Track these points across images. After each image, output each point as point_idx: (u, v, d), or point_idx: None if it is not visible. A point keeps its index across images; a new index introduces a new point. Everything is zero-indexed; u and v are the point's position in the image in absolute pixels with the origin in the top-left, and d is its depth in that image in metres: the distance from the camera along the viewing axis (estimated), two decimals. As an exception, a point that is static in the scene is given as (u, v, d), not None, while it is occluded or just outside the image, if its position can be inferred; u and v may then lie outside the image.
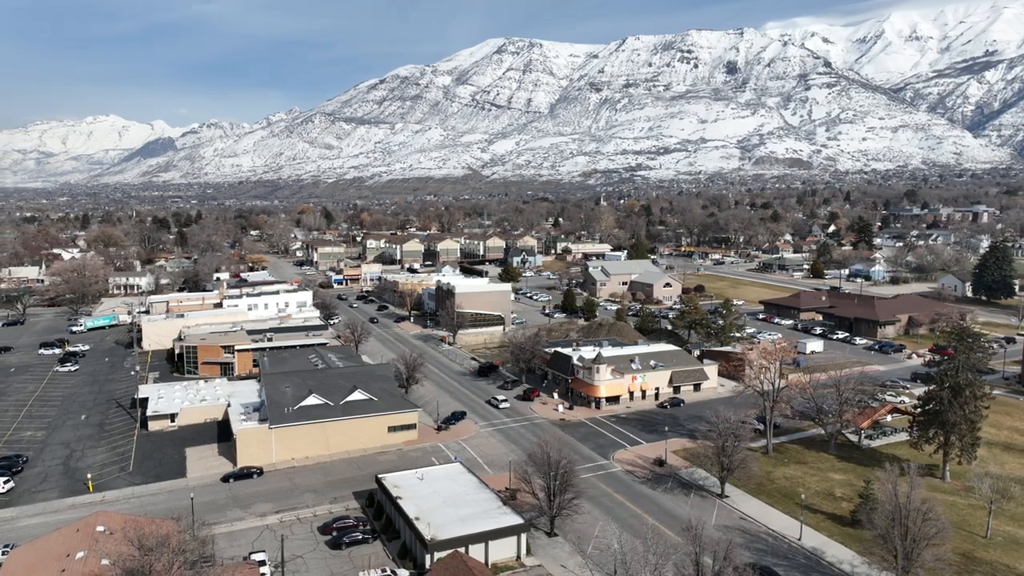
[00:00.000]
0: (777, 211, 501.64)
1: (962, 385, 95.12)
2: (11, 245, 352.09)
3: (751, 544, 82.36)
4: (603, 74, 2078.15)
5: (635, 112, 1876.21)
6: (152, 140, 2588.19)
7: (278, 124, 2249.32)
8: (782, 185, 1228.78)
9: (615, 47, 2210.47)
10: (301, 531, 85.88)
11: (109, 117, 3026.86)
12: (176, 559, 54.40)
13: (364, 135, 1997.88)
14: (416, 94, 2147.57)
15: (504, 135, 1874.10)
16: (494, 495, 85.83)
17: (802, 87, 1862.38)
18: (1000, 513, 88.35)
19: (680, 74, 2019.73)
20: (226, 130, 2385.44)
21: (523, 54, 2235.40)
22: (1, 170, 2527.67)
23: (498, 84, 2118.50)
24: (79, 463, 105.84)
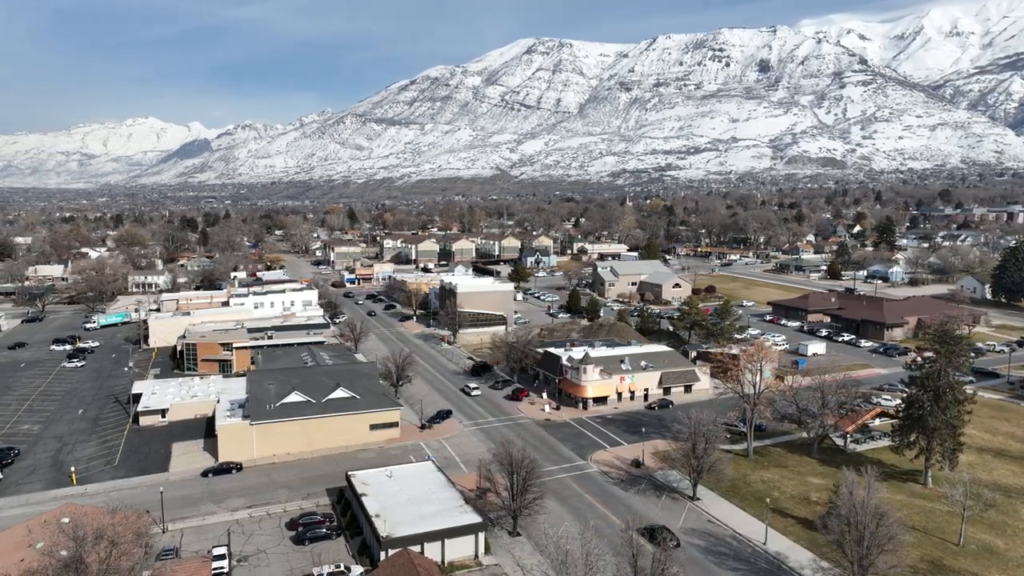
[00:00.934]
0: (801, 211, 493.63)
1: (943, 389, 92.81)
2: (40, 244, 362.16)
3: (714, 547, 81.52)
4: (633, 73, 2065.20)
5: (665, 112, 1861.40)
6: (188, 142, 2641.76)
7: (310, 125, 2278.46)
8: (814, 185, 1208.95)
9: (646, 46, 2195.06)
10: (269, 526, 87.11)
11: (148, 119, 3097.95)
12: (113, 550, 55.56)
13: (394, 136, 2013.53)
14: (446, 95, 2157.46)
15: (533, 135, 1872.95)
16: (458, 494, 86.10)
17: (836, 85, 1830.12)
18: (979, 521, 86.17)
19: (711, 73, 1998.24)
20: (260, 131, 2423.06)
21: (553, 54, 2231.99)
22: (46, 171, 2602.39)
23: (527, 84, 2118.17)
24: (68, 456, 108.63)
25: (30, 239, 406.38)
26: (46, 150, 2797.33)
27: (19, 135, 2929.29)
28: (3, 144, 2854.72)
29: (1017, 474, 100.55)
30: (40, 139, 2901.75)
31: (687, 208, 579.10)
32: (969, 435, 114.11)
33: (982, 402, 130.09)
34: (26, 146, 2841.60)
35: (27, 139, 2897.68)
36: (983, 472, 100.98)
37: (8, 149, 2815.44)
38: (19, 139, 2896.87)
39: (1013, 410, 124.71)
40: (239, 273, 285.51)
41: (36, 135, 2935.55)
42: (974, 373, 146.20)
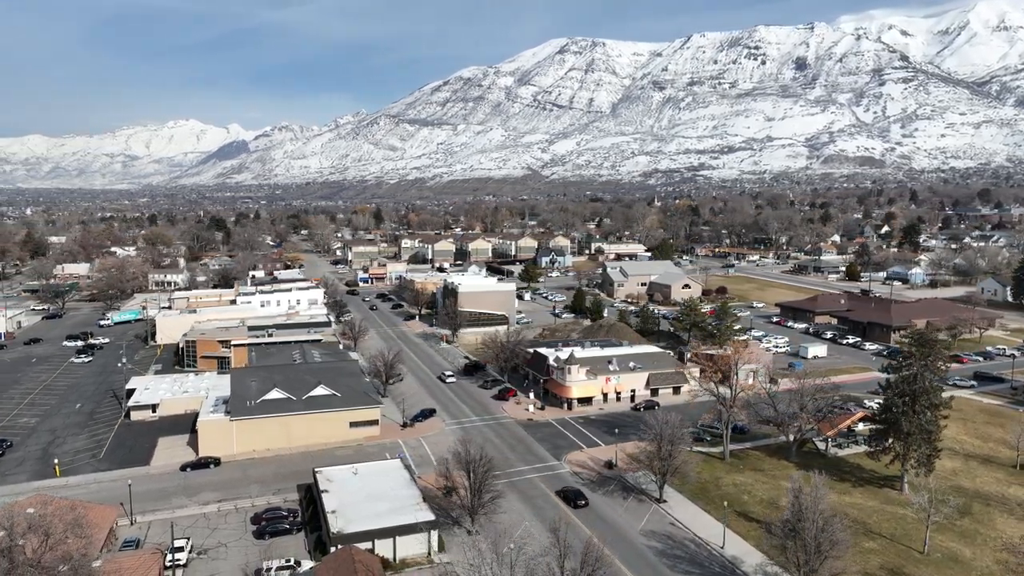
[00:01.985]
0: (828, 211, 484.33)
1: (917, 393, 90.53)
2: (69, 243, 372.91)
3: (670, 550, 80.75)
4: (667, 72, 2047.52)
5: (699, 111, 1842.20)
6: (227, 143, 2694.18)
7: (345, 126, 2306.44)
8: (851, 185, 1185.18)
9: (680, 45, 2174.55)
10: (235, 520, 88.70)
11: (189, 121, 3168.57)
12: (47, 540, 57.26)
13: (427, 136, 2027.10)
14: (479, 95, 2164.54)
15: (565, 135, 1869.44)
16: (418, 493, 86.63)
17: (876, 82, 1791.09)
18: (950, 529, 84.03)
19: (747, 71, 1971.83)
20: (296, 133, 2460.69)
21: (585, 54, 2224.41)
22: (92, 173, 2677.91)
23: (560, 84, 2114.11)
24: (57, 449, 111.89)
25: (64, 238, 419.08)
26: (92, 152, 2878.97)
27: (67, 138, 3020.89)
28: (52, 146, 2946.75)
29: (1001, 482, 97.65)
30: (87, 141, 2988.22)
31: (713, 208, 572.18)
32: (959, 441, 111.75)
33: (978, 407, 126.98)
34: (73, 148, 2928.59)
35: (74, 141, 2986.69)
36: (966, 479, 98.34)
37: (56, 151, 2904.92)
38: (67, 142, 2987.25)
39: (1009, 416, 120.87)
40: (258, 272, 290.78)
41: (83, 137, 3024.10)
42: (977, 377, 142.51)
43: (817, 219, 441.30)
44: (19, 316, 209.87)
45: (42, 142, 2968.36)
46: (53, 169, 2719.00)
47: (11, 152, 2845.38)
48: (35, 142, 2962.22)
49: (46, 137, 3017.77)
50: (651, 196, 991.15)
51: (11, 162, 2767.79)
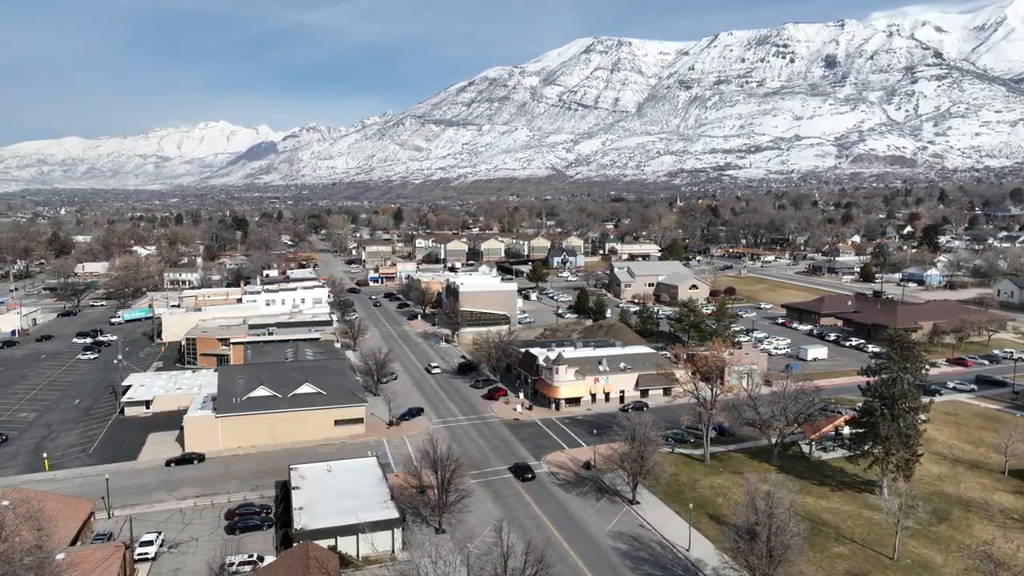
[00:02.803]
0: (850, 211, 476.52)
1: (896, 397, 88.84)
2: (92, 243, 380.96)
3: (635, 552, 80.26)
4: (693, 71, 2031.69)
5: (726, 110, 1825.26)
6: (256, 144, 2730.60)
7: (371, 127, 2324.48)
8: (880, 184, 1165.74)
9: (707, 43, 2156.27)
10: (210, 516, 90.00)
11: (219, 122, 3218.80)
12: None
13: (452, 137, 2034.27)
14: (504, 95, 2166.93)
15: (590, 135, 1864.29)
16: (387, 490, 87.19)
17: (908, 80, 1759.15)
18: (923, 535, 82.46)
19: (775, 69, 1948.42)
20: (323, 133, 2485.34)
21: (611, 53, 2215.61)
22: (125, 174, 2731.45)
23: (585, 84, 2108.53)
24: (50, 443, 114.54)
25: (89, 238, 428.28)
26: (126, 153, 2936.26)
27: (102, 139, 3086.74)
28: (87, 148, 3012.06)
29: (986, 488, 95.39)
30: (120, 143, 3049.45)
31: (734, 208, 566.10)
32: (949, 445, 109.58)
33: (974, 411, 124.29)
34: (108, 150, 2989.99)
35: (109, 143, 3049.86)
36: (950, 484, 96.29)
37: (92, 153, 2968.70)
38: (102, 143, 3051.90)
39: (1005, 421, 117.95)
40: (272, 271, 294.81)
41: (117, 139, 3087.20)
42: (979, 381, 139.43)
43: (838, 219, 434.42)
44: (34, 313, 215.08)
45: (78, 144, 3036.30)
46: (89, 170, 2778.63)
47: (49, 153, 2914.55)
48: (72, 144, 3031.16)
49: (82, 139, 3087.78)
50: (675, 196, 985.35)
51: (49, 163, 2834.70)
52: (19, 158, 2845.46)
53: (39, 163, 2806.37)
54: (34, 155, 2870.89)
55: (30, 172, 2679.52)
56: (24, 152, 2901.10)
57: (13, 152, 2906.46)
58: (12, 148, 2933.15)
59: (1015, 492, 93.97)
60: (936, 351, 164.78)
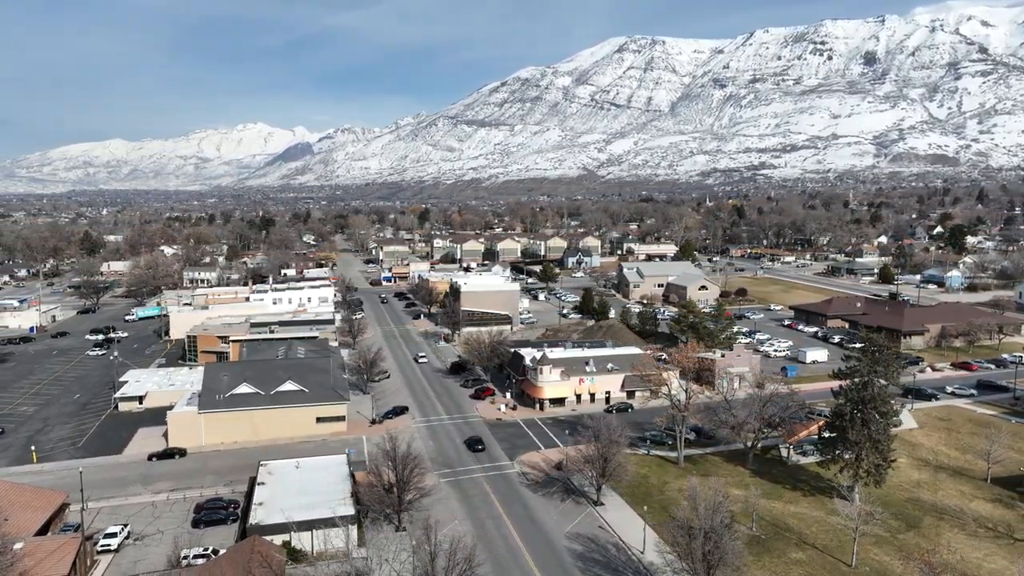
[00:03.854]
0: (879, 211, 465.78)
1: (866, 401, 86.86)
2: (121, 242, 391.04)
3: (589, 553, 79.78)
4: (728, 70, 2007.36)
5: (761, 108, 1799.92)
6: (292, 145, 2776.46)
7: (405, 128, 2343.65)
8: (920, 184, 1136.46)
9: (742, 41, 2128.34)
10: (179, 509, 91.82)
11: (257, 124, 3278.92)
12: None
13: (484, 137, 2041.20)
14: (536, 95, 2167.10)
15: (622, 134, 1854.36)
16: (349, 487, 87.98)
17: (951, 76, 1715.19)
18: (888, 542, 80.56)
19: (812, 67, 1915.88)
20: (358, 135, 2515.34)
21: (644, 52, 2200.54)
22: (166, 175, 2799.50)
23: (618, 83, 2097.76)
24: (43, 437, 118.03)
25: (120, 237, 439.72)
26: (167, 155, 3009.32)
27: (144, 141, 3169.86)
28: (131, 150, 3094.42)
29: (965, 495, 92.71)
30: (162, 145, 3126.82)
31: (761, 208, 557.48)
32: (936, 451, 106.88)
33: (968, 416, 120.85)
34: (150, 151, 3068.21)
35: (151, 145, 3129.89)
36: (927, 492, 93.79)
37: (135, 154, 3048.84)
38: (144, 145, 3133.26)
39: (999, 427, 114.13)
40: (289, 270, 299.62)
41: (159, 141, 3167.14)
42: (981, 386, 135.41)
43: (866, 219, 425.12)
44: (54, 311, 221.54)
45: (122, 146, 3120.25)
46: (132, 171, 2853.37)
47: (95, 155, 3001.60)
48: (116, 146, 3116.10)
49: (126, 141, 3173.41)
50: (707, 196, 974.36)
51: (94, 165, 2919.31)
52: (66, 160, 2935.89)
53: (85, 165, 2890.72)
54: (80, 157, 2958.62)
55: (77, 174, 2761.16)
56: (71, 154, 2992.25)
57: (61, 154, 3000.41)
58: (60, 150, 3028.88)
59: (994, 500, 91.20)
60: (943, 355, 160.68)
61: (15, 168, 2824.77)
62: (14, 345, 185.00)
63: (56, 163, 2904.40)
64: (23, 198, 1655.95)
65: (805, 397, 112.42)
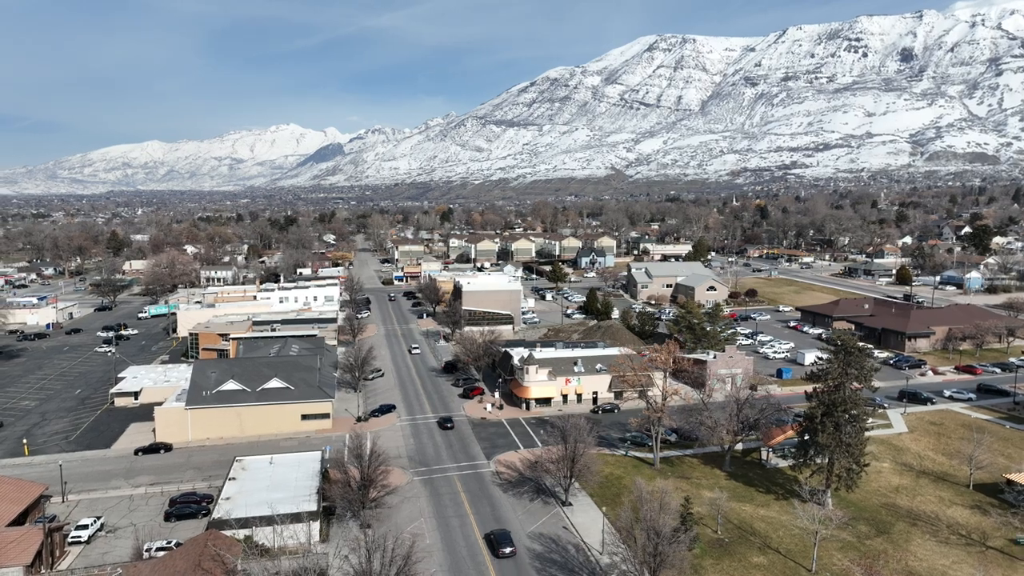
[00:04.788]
0: (905, 211, 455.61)
1: (835, 404, 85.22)
2: (144, 242, 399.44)
3: (548, 554, 79.53)
4: (760, 68, 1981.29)
5: (793, 106, 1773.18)
6: (324, 146, 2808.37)
7: (434, 128, 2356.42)
8: (957, 183, 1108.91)
9: (774, 39, 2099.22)
10: (155, 503, 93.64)
11: (289, 126, 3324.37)
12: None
13: (513, 137, 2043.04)
14: (565, 95, 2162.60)
15: (651, 134, 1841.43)
16: (316, 484, 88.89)
17: (992, 72, 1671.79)
18: (855, 548, 79.01)
19: (846, 64, 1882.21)
20: (388, 135, 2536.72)
21: (675, 51, 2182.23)
22: (201, 175, 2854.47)
23: (647, 82, 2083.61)
24: (39, 430, 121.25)
25: (147, 236, 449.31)
26: (202, 156, 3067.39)
27: (180, 143, 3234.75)
28: (167, 151, 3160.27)
29: (944, 501, 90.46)
30: (197, 146, 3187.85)
31: (785, 208, 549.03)
32: (922, 456, 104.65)
33: (962, 421, 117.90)
34: (186, 153, 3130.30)
35: (187, 146, 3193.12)
36: (905, 497, 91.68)
37: (171, 156, 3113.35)
38: (180, 147, 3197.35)
39: (992, 431, 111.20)
40: (305, 269, 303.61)
41: (194, 143, 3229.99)
42: (981, 390, 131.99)
43: (891, 220, 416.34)
44: (72, 308, 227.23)
45: (159, 147, 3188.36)
46: (168, 172, 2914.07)
47: (133, 157, 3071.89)
48: (153, 147, 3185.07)
49: (163, 143, 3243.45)
50: (734, 196, 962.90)
51: (132, 166, 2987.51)
52: (106, 161, 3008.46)
53: (124, 166, 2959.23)
54: (119, 158, 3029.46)
55: (116, 175, 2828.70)
56: (111, 156, 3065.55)
57: (101, 156, 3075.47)
58: (100, 152, 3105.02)
59: (973, 507, 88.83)
60: (948, 358, 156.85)
61: (57, 170, 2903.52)
62: (29, 341, 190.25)
63: (96, 164, 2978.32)
64: (64, 199, 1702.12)
65: (797, 399, 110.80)
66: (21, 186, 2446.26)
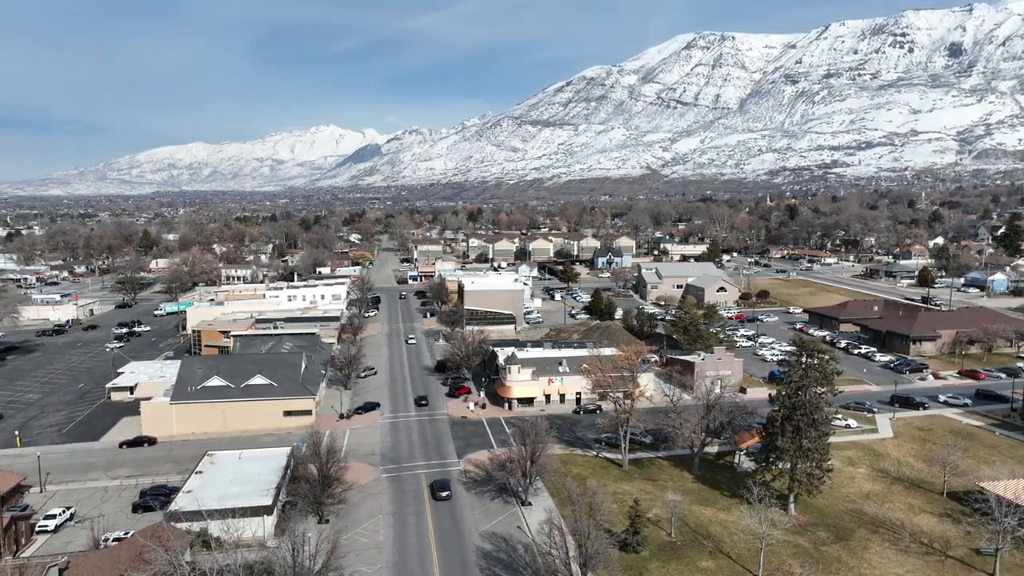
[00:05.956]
0: (939, 212, 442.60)
1: (796, 407, 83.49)
2: (174, 241, 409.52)
3: (496, 553, 79.54)
4: (800, 65, 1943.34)
5: (835, 104, 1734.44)
6: (362, 147, 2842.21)
7: (470, 129, 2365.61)
8: (1007, 182, 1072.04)
9: (816, 35, 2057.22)
10: (128, 495, 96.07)
11: (329, 127, 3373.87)
12: None
13: (548, 137, 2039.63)
14: (601, 95, 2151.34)
15: (688, 133, 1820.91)
16: (276, 480, 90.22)
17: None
18: (809, 554, 77.61)
19: (891, 60, 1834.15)
20: (425, 136, 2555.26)
21: (713, 48, 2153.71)
22: (243, 176, 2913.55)
23: (685, 81, 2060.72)
24: (35, 423, 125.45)
25: (177, 236, 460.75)
26: (244, 157, 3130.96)
27: (223, 144, 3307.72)
28: (211, 153, 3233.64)
29: (913, 508, 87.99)
30: (240, 147, 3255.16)
31: (817, 208, 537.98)
32: (901, 463, 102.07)
33: (951, 427, 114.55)
34: (229, 154, 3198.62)
35: (229, 148, 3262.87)
36: (874, 504, 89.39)
37: (215, 157, 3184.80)
38: (223, 148, 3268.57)
39: (980, 438, 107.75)
40: (324, 268, 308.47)
41: (237, 144, 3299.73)
42: (980, 395, 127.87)
43: (924, 220, 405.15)
44: (93, 305, 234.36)
45: (203, 149, 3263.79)
46: (212, 173, 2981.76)
47: (178, 158, 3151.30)
48: (197, 149, 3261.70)
49: (206, 144, 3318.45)
50: (768, 195, 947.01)
51: (177, 167, 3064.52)
52: (152, 163, 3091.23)
53: (169, 167, 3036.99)
54: (165, 160, 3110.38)
55: (161, 176, 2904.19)
56: (157, 157, 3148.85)
57: (148, 157, 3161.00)
58: (147, 154, 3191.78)
59: (942, 515, 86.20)
60: (954, 361, 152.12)
61: (107, 171, 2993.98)
62: (46, 337, 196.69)
63: (143, 166, 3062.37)
64: (112, 199, 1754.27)
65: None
66: (73, 187, 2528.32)
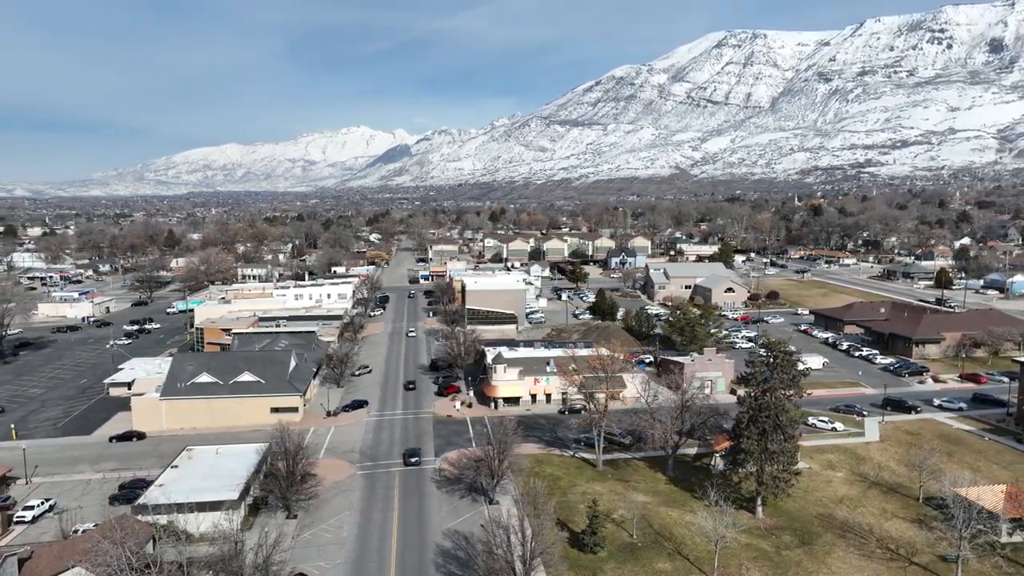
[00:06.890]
0: (967, 211, 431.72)
1: (761, 409, 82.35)
2: (197, 240, 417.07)
3: (455, 551, 79.86)
4: (834, 62, 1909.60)
5: (869, 102, 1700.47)
6: (392, 147, 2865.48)
7: (499, 129, 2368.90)
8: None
9: (850, 32, 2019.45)
10: (109, 488, 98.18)
11: (359, 128, 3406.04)
12: None
13: (577, 137, 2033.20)
14: (630, 94, 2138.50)
15: (719, 132, 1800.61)
16: (246, 475, 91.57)
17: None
18: (769, 558, 76.69)
19: (928, 57, 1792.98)
20: (454, 136, 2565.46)
21: (745, 46, 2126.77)
22: (276, 177, 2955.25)
23: (716, 79, 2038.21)
24: (34, 416, 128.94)
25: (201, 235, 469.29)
26: (277, 158, 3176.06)
27: (256, 145, 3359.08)
28: (244, 153, 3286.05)
29: (885, 514, 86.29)
30: (272, 148, 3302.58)
31: (843, 208, 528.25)
32: (882, 467, 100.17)
33: (940, 432, 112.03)
34: (262, 155, 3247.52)
35: (262, 148, 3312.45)
36: (845, 508, 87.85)
37: (248, 158, 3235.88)
38: (257, 149, 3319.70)
39: (967, 444, 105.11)
40: (340, 267, 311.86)
41: (269, 145, 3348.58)
42: (976, 400, 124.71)
43: (951, 220, 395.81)
44: (109, 303, 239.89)
45: (237, 150, 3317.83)
46: (245, 174, 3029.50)
47: (212, 159, 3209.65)
48: (231, 150, 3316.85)
49: (240, 145, 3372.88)
50: (796, 195, 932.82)
51: (212, 168, 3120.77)
52: (188, 164, 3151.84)
53: (204, 168, 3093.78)
54: (200, 161, 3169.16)
55: (196, 176, 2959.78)
56: (192, 159, 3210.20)
57: (184, 159, 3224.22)
58: (183, 155, 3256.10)
59: (915, 520, 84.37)
60: (956, 364, 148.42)
61: (144, 172, 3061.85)
62: (60, 333, 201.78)
63: (179, 167, 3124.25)
64: (148, 199, 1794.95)
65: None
66: (112, 188, 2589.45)
